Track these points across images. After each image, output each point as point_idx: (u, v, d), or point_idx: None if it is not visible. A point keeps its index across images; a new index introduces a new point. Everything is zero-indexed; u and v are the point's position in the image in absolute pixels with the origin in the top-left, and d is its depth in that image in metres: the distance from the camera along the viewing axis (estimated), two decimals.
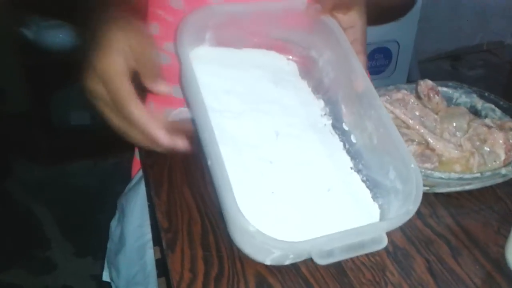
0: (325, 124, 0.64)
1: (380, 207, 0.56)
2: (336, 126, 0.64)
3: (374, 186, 0.58)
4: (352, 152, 0.61)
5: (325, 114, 0.65)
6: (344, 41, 0.60)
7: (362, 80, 0.58)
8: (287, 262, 0.52)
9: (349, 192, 0.58)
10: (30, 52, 1.82)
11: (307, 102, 0.65)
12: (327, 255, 0.47)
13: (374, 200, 0.57)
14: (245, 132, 0.60)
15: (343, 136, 0.63)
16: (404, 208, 0.51)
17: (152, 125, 0.48)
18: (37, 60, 1.84)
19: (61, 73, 1.92)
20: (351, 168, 0.60)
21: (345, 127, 0.63)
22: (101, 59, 0.48)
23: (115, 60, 0.48)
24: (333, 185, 0.58)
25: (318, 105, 0.66)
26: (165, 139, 0.49)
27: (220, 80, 0.64)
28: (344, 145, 0.62)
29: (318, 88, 0.66)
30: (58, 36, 1.81)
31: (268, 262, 0.51)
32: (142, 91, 0.51)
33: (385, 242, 0.49)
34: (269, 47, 0.68)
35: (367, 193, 0.58)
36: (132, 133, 0.50)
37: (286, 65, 0.69)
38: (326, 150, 0.61)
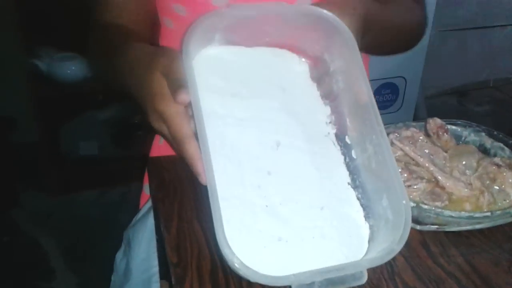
0: (328, 133, 0.63)
1: (371, 228, 0.57)
2: (339, 137, 0.63)
3: (367, 206, 0.58)
4: (352, 167, 0.61)
5: (330, 122, 0.64)
6: (356, 55, 0.59)
7: (368, 100, 0.58)
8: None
9: (342, 211, 0.58)
10: (42, 83, 1.85)
11: (313, 109, 0.65)
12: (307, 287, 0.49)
13: (366, 220, 0.57)
14: (246, 141, 0.60)
15: (345, 149, 0.62)
16: (388, 246, 0.51)
17: (199, 165, 0.54)
18: (49, 91, 1.87)
19: (71, 104, 1.95)
20: (348, 183, 0.60)
21: (348, 141, 0.62)
22: (157, 103, 0.56)
23: (170, 103, 0.56)
24: (327, 203, 0.58)
25: (324, 112, 0.64)
26: (203, 181, 0.54)
27: (228, 82, 0.63)
28: (345, 159, 0.62)
29: (327, 94, 0.65)
30: (70, 68, 1.85)
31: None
32: None
33: (365, 278, 0.50)
34: (281, 47, 0.67)
35: (360, 212, 0.58)
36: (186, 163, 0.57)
37: (297, 65, 0.67)
38: (326, 164, 0.61)
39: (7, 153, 2.01)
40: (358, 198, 0.59)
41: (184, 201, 0.64)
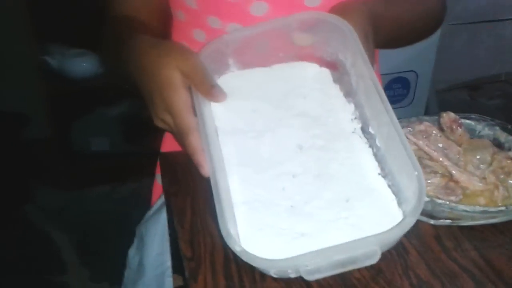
0: (355, 129, 0.63)
1: (404, 214, 0.54)
2: (365, 129, 0.62)
3: (398, 191, 0.56)
4: (379, 156, 0.60)
5: (355, 118, 0.64)
6: (357, 47, 0.60)
7: (369, 78, 0.59)
8: (292, 276, 0.51)
9: (370, 200, 0.56)
10: (53, 80, 1.87)
11: (337, 108, 0.65)
12: (315, 271, 0.47)
13: (399, 207, 0.55)
14: (268, 150, 0.60)
15: (371, 139, 0.61)
16: (401, 221, 0.50)
17: (201, 157, 0.56)
18: (60, 88, 1.89)
19: (83, 101, 1.96)
20: (379, 173, 0.59)
21: (371, 131, 0.61)
22: (168, 93, 0.57)
23: (180, 94, 0.57)
24: (353, 194, 0.57)
25: (348, 110, 0.64)
26: (205, 173, 0.55)
27: (247, 100, 0.65)
28: (373, 150, 0.61)
29: (349, 91, 0.65)
30: (81, 65, 1.86)
31: (273, 275, 0.52)
32: None
33: (377, 256, 0.48)
34: (297, 59, 0.68)
35: (392, 199, 0.56)
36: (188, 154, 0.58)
37: (318, 73, 0.68)
38: (352, 159, 0.60)
39: (19, 149, 2.03)
40: (389, 186, 0.57)
41: (197, 195, 0.64)
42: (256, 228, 0.53)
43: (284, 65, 0.68)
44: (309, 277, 0.48)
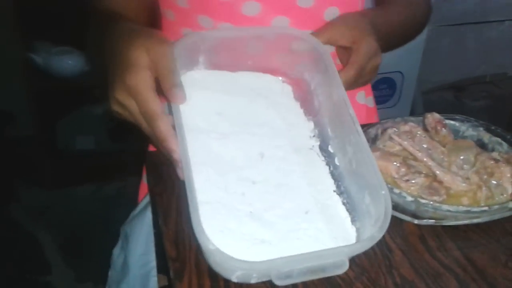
0: (313, 146, 0.65)
1: (357, 230, 0.57)
2: (323, 148, 0.65)
3: (353, 209, 0.59)
4: (336, 175, 0.62)
5: (314, 136, 0.66)
6: (331, 67, 0.63)
7: (341, 99, 0.61)
8: (252, 281, 0.52)
9: (327, 214, 0.58)
10: (38, 78, 1.85)
11: (297, 124, 0.67)
12: (286, 276, 0.48)
13: (352, 224, 0.58)
14: (230, 153, 0.61)
15: (329, 158, 0.64)
16: (370, 235, 0.51)
17: (172, 141, 0.53)
18: (45, 86, 1.86)
19: (68, 98, 1.94)
20: (334, 191, 0.61)
21: (331, 150, 0.64)
22: (131, 75, 0.53)
23: (144, 76, 0.54)
24: (312, 207, 0.58)
25: (308, 127, 0.67)
26: (177, 156, 0.54)
27: (212, 102, 0.65)
28: (329, 168, 0.63)
29: (310, 110, 0.68)
30: (67, 62, 1.84)
31: (234, 279, 0.52)
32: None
33: (346, 266, 0.49)
34: (264, 70, 0.69)
35: (346, 216, 0.59)
36: (155, 142, 0.56)
37: (280, 87, 0.70)
38: (310, 173, 0.62)
39: (4, 147, 2.01)
40: (343, 204, 0.60)
41: (182, 195, 0.64)
42: (217, 230, 0.53)
43: (250, 74, 0.69)
44: (280, 282, 0.48)
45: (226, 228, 0.54)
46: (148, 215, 0.79)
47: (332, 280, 0.53)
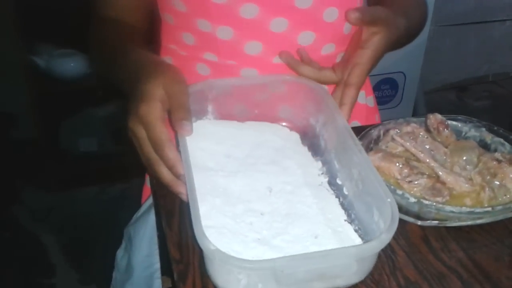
0: (321, 182, 0.65)
1: None
2: (332, 182, 0.65)
3: (365, 234, 0.57)
4: (346, 204, 0.61)
5: (322, 173, 0.66)
6: (331, 104, 0.67)
7: (342, 124, 0.63)
8: None
9: (338, 238, 0.57)
10: (41, 80, 1.85)
11: (305, 164, 0.68)
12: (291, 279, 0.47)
13: None
14: (238, 189, 0.62)
15: (338, 191, 0.63)
16: (378, 237, 0.50)
17: (179, 166, 0.56)
18: (48, 88, 1.87)
19: (70, 101, 1.95)
20: (345, 220, 0.60)
21: (339, 182, 0.63)
22: (142, 105, 0.57)
23: (155, 107, 0.57)
24: (322, 232, 0.57)
25: (316, 166, 0.67)
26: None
27: (222, 146, 0.67)
28: (339, 199, 0.62)
29: (317, 151, 0.69)
30: (69, 65, 1.84)
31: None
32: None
33: (353, 269, 0.49)
34: (271, 118, 0.73)
35: (358, 241, 0.57)
36: (158, 169, 0.59)
37: (288, 135, 0.72)
38: (320, 203, 0.61)
39: (7, 149, 2.01)
40: (355, 230, 0.58)
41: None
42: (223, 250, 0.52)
43: (257, 124, 0.72)
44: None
45: (233, 251, 0.52)
46: (152, 217, 0.79)
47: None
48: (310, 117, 0.71)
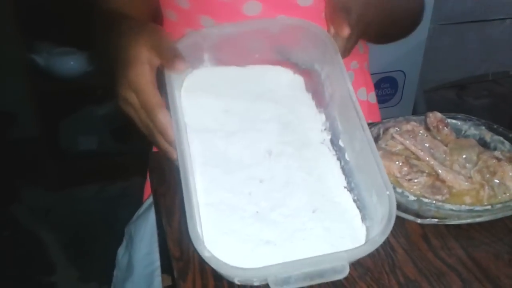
0: (324, 140, 0.63)
1: (367, 229, 0.55)
2: (334, 142, 0.63)
3: (363, 207, 0.57)
4: (346, 170, 0.60)
5: (325, 129, 0.64)
6: (337, 59, 0.61)
7: (347, 94, 0.59)
8: (255, 284, 0.51)
9: (336, 213, 0.57)
10: (40, 78, 1.85)
11: (307, 117, 0.65)
12: (283, 282, 0.47)
13: (362, 222, 0.56)
14: (237, 152, 0.60)
15: (340, 152, 0.62)
16: (371, 238, 0.50)
17: (171, 132, 0.55)
18: (47, 86, 1.87)
19: (70, 99, 1.95)
20: (345, 187, 0.59)
21: (341, 144, 0.62)
22: (131, 70, 0.56)
23: (144, 70, 0.56)
24: (320, 206, 0.57)
25: (319, 120, 0.65)
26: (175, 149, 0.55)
27: (220, 100, 0.64)
28: (340, 163, 0.61)
29: (321, 101, 0.66)
30: (69, 63, 1.84)
31: (236, 282, 0.51)
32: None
33: (346, 271, 0.48)
34: (272, 62, 0.68)
35: (355, 214, 0.57)
36: (155, 136, 0.57)
37: (292, 79, 0.68)
38: (320, 169, 0.60)
39: (6, 148, 2.01)
40: (354, 201, 0.58)
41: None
42: (221, 232, 0.53)
43: (258, 67, 0.68)
44: None
45: (230, 230, 0.53)
46: (152, 215, 0.79)
47: (335, 280, 0.53)
48: (315, 62, 0.66)
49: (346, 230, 0.55)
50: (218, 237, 0.52)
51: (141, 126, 0.59)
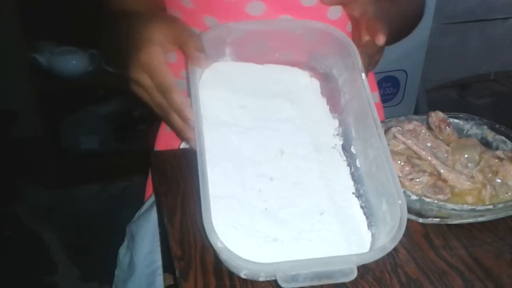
0: (335, 145, 0.64)
1: (372, 236, 0.56)
2: (346, 148, 0.64)
3: (370, 214, 0.58)
4: (356, 177, 0.61)
5: (337, 134, 0.65)
6: (358, 65, 0.62)
7: (367, 104, 0.59)
8: (261, 279, 0.52)
9: (343, 217, 0.57)
10: (42, 78, 1.85)
11: (321, 121, 0.66)
12: (291, 280, 0.48)
13: (368, 228, 0.57)
14: (250, 148, 0.61)
15: (351, 159, 0.63)
16: (381, 245, 0.51)
17: (188, 110, 0.55)
18: (49, 85, 1.87)
19: (72, 98, 1.95)
20: (353, 193, 0.60)
21: (353, 151, 0.63)
22: (144, 52, 0.56)
23: (156, 51, 0.56)
24: (328, 209, 0.57)
25: (332, 124, 0.66)
26: (192, 124, 0.56)
27: (237, 95, 0.65)
28: (350, 169, 0.62)
29: (336, 107, 0.67)
30: (71, 62, 1.84)
31: (242, 276, 0.52)
32: None
33: (353, 275, 0.48)
34: (291, 64, 0.69)
35: (362, 220, 0.58)
36: (170, 115, 0.57)
37: (308, 82, 0.69)
38: (330, 173, 0.61)
39: (8, 147, 2.01)
40: (361, 207, 0.59)
41: (187, 194, 0.64)
42: (229, 225, 0.53)
43: (277, 67, 0.69)
44: (285, 285, 0.48)
45: (239, 224, 0.54)
46: (154, 214, 0.79)
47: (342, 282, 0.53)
48: (334, 68, 0.67)
49: (352, 235, 0.56)
50: (226, 229, 0.52)
51: (155, 107, 0.59)
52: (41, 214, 1.93)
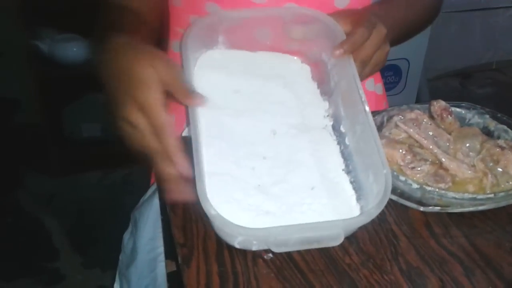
0: (326, 125, 0.67)
1: (361, 208, 0.58)
2: (336, 128, 0.66)
3: (359, 188, 0.60)
4: (346, 154, 0.64)
5: (328, 116, 0.67)
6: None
7: (353, 79, 0.61)
8: (254, 248, 0.54)
9: (333, 191, 0.60)
10: (44, 65, 1.85)
11: (312, 103, 0.68)
12: (282, 244, 0.51)
13: (357, 202, 0.59)
14: (243, 129, 0.63)
15: (340, 138, 0.65)
16: (366, 211, 0.54)
17: (180, 155, 0.54)
18: (51, 73, 1.87)
19: (74, 86, 1.95)
20: (343, 169, 0.62)
21: (342, 129, 0.65)
22: (139, 91, 0.54)
23: (153, 91, 0.54)
24: (319, 184, 0.60)
25: (323, 106, 0.68)
26: (186, 171, 0.54)
27: (230, 80, 0.67)
28: (340, 147, 0.64)
29: (326, 90, 0.69)
30: (72, 50, 1.84)
31: (236, 245, 0.54)
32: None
33: (340, 239, 0.52)
34: (282, 51, 0.71)
35: (351, 194, 0.60)
36: (159, 159, 0.55)
37: (299, 68, 0.71)
38: (320, 151, 0.63)
39: (10, 135, 2.02)
40: (351, 182, 0.61)
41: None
42: (223, 201, 0.55)
43: (269, 54, 0.71)
44: (277, 249, 0.52)
45: (233, 199, 0.56)
46: (156, 201, 0.80)
47: (338, 266, 0.54)
48: (323, 52, 0.68)
49: (342, 207, 0.58)
50: (221, 204, 0.53)
51: (144, 148, 0.56)
52: (43, 201, 1.94)
